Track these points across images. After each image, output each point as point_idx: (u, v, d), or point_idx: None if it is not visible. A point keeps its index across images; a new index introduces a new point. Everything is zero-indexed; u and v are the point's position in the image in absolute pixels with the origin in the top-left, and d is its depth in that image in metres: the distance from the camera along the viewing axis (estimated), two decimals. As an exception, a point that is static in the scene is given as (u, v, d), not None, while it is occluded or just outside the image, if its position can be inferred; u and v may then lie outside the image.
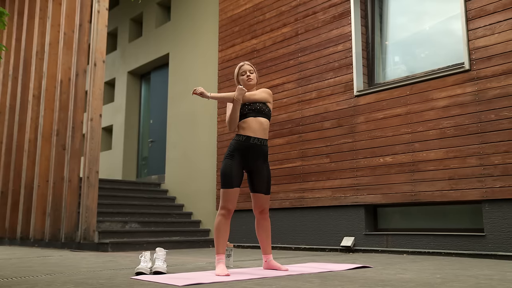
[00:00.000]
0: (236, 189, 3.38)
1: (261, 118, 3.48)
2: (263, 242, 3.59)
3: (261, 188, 3.52)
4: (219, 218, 3.38)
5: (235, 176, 3.38)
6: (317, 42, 6.31)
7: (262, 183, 3.51)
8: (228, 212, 3.38)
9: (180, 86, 8.76)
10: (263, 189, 3.52)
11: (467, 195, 4.74)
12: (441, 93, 5.07)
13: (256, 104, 3.49)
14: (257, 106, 3.48)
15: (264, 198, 3.53)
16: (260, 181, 3.51)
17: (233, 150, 3.42)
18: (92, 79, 6.54)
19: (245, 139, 3.43)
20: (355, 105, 5.79)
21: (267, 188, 3.54)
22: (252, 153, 3.44)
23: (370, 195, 5.49)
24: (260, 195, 3.52)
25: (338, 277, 3.04)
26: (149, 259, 3.46)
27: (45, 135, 7.35)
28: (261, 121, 3.47)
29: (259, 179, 3.50)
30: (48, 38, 7.67)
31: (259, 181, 3.50)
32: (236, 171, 3.39)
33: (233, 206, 3.40)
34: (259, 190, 3.52)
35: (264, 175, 3.51)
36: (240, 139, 3.44)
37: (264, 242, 3.58)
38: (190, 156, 8.22)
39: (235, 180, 3.37)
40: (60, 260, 4.62)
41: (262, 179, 3.51)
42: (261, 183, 3.51)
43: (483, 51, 4.82)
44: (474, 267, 3.67)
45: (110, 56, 10.83)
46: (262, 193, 3.52)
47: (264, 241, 3.58)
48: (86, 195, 6.24)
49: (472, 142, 4.76)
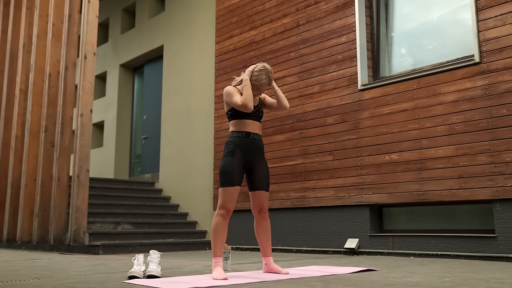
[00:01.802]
0: (236, 187, 3.38)
1: (257, 122, 3.58)
2: (263, 244, 3.58)
3: (261, 185, 3.52)
4: (217, 219, 3.37)
5: (236, 174, 3.38)
6: (320, 33, 6.30)
7: (262, 179, 3.52)
8: (227, 212, 3.37)
9: (175, 79, 8.75)
10: (263, 186, 3.53)
11: (477, 194, 4.73)
12: (449, 87, 5.06)
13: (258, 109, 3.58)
14: (257, 112, 3.57)
15: (263, 195, 3.53)
16: (260, 178, 3.52)
17: (233, 147, 3.43)
18: (82, 73, 6.52)
19: (245, 135, 3.46)
20: (359, 99, 5.78)
21: (267, 184, 3.55)
22: (253, 149, 3.48)
23: (375, 194, 5.49)
24: (260, 193, 3.52)
25: (342, 281, 3.04)
26: (143, 262, 3.45)
27: (33, 131, 7.34)
28: (257, 123, 3.59)
29: (258, 176, 3.51)
30: (36, 30, 7.64)
31: (259, 177, 3.51)
32: (237, 169, 3.39)
33: (232, 205, 3.39)
34: (259, 187, 3.52)
35: (263, 171, 3.54)
36: (240, 136, 3.46)
37: (264, 243, 3.58)
38: (185, 153, 8.21)
39: (236, 178, 3.37)
40: (48, 263, 4.60)
41: (262, 176, 3.52)
42: (261, 179, 3.52)
43: (494, 42, 4.81)
44: (485, 270, 3.67)
45: (101, 48, 10.79)
46: (263, 190, 3.52)
47: (264, 243, 3.58)
48: (76, 194, 6.22)
49: (483, 138, 4.75)
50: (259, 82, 3.53)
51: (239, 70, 7.18)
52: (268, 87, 3.60)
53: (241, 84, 3.56)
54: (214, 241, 3.37)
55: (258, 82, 3.53)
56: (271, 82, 3.59)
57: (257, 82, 3.53)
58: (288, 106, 3.69)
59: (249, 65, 7.02)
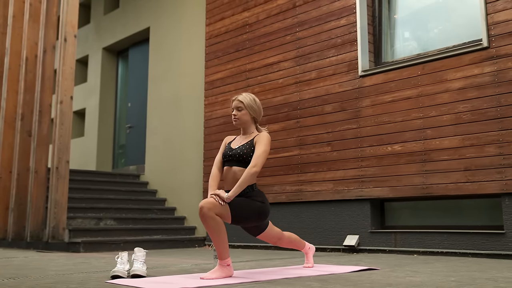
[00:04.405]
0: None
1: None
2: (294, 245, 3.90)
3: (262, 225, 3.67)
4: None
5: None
6: (317, 15, 6.27)
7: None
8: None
9: (162, 64, 8.70)
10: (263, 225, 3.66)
11: (485, 188, 4.74)
12: (456, 73, 5.06)
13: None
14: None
15: (268, 229, 3.70)
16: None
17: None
18: (62, 56, 6.48)
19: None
20: (359, 86, 5.77)
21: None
22: None
23: (376, 188, 5.49)
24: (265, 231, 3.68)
25: (340, 281, 3.04)
26: (127, 261, 3.44)
27: (8, 120, 7.29)
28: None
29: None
30: (12, 10, 7.56)
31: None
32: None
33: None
34: (262, 228, 3.66)
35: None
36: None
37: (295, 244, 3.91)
38: (173, 143, 8.18)
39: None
40: (25, 262, 4.59)
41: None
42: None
43: (503, 26, 4.80)
44: (493, 268, 3.69)
45: (82, 30, 10.72)
46: (264, 228, 3.66)
47: (295, 241, 3.89)
48: (55, 188, 6.20)
49: (491, 128, 4.76)
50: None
51: (231, 55, 7.16)
52: (237, 122, 3.56)
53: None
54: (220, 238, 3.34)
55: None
56: (235, 117, 3.56)
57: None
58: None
59: (241, 49, 7.02)
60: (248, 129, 3.56)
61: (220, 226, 3.18)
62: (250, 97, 3.52)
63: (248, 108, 3.50)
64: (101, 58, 10.36)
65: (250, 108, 3.51)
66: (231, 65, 7.15)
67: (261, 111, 3.59)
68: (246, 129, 3.56)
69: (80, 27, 10.48)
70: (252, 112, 3.51)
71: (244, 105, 3.50)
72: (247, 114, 3.51)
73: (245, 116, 3.51)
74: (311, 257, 3.94)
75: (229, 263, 3.24)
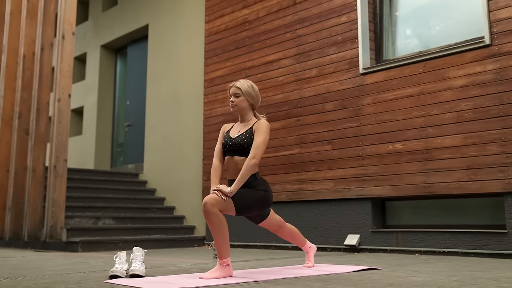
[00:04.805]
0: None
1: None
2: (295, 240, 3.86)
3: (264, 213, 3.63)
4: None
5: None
6: (318, 12, 6.26)
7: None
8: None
9: (161, 62, 8.69)
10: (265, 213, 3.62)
11: (487, 186, 4.74)
12: (458, 71, 5.05)
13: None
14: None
15: (270, 216, 3.64)
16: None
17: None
18: (59, 54, 6.48)
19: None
20: (360, 84, 5.77)
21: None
22: None
23: (377, 187, 5.49)
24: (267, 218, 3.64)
25: (341, 281, 3.04)
26: (125, 260, 3.44)
27: (5, 118, 7.28)
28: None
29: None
30: (9, 7, 7.55)
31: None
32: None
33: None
34: (264, 216, 3.61)
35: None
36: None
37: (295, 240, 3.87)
38: (172, 142, 8.18)
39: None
40: (22, 262, 4.58)
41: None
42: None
43: (506, 23, 4.80)
44: (495, 268, 3.68)
45: (80, 27, 10.71)
46: (267, 215, 3.62)
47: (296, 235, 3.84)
48: (52, 187, 6.20)
49: (493, 126, 4.75)
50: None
51: (231, 52, 7.15)
52: (234, 108, 3.56)
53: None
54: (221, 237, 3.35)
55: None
56: (232, 103, 3.56)
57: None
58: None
59: (241, 47, 7.02)
60: (246, 116, 3.54)
61: (223, 223, 3.18)
62: (248, 84, 3.52)
63: (246, 95, 3.49)
64: (99, 55, 10.35)
65: (248, 95, 3.49)
66: (231, 63, 7.14)
67: (259, 97, 3.58)
68: (244, 116, 3.55)
69: (78, 24, 10.48)
70: (250, 98, 3.50)
71: (241, 92, 3.48)
72: (244, 100, 3.50)
73: (242, 103, 3.50)
74: (312, 257, 3.94)
75: (229, 263, 3.23)
